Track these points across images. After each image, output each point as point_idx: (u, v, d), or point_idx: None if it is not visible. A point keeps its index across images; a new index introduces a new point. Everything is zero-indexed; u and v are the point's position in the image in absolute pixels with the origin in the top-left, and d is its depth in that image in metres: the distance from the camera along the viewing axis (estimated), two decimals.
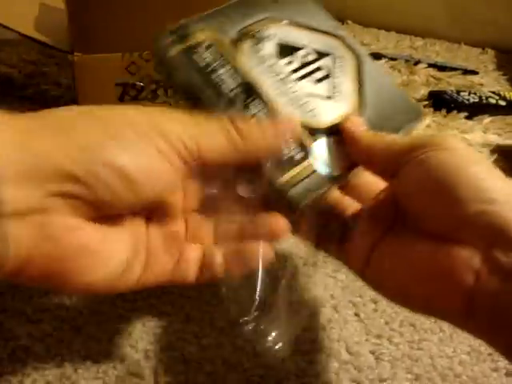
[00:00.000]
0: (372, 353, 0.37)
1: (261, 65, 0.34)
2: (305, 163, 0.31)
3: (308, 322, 0.39)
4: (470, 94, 0.72)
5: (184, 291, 0.41)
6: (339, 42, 0.37)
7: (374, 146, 0.32)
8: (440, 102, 0.71)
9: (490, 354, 0.38)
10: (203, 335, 0.37)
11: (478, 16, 0.95)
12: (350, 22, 1.04)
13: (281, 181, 0.30)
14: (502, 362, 0.37)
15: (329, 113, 0.34)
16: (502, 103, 0.72)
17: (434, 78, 0.80)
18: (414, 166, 0.29)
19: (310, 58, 0.35)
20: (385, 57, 0.85)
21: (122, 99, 0.55)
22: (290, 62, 0.35)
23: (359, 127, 0.33)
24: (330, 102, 0.34)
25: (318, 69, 0.35)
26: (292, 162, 0.31)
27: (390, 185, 0.32)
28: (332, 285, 0.42)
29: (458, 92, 0.73)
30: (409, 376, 0.36)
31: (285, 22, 0.36)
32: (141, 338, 0.37)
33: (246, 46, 0.34)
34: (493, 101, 0.72)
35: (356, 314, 0.40)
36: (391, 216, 0.31)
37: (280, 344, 0.30)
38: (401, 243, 0.29)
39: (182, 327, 0.38)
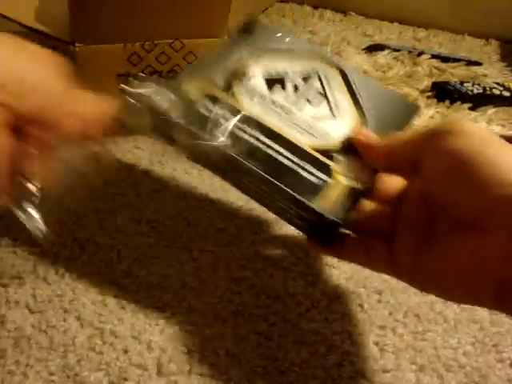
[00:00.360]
0: (376, 344, 0.37)
1: (258, 103, 0.35)
2: (332, 183, 0.33)
3: (311, 313, 0.39)
4: (473, 84, 0.72)
5: (187, 282, 0.40)
6: (319, 61, 0.39)
7: (391, 148, 0.32)
8: (443, 93, 0.70)
9: (494, 345, 0.38)
10: (206, 326, 0.37)
11: (482, 6, 0.94)
12: (352, 13, 1.03)
13: (317, 206, 0.31)
14: (507, 353, 0.37)
15: (338, 131, 0.35)
16: (506, 94, 0.71)
17: (438, 69, 0.80)
18: (432, 156, 0.29)
19: (299, 83, 0.37)
20: (388, 48, 0.84)
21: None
22: (284, 96, 0.36)
23: (371, 136, 0.34)
24: (335, 120, 0.36)
25: (311, 92, 0.37)
26: (318, 186, 0.32)
27: (413, 182, 0.33)
28: (336, 276, 0.42)
29: (462, 83, 0.72)
30: (413, 367, 0.36)
31: (261, 53, 0.38)
32: (143, 330, 0.37)
33: (237, 90, 0.36)
34: (497, 92, 0.71)
35: (360, 305, 0.40)
36: (425, 216, 0.32)
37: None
38: (438, 240, 0.30)
39: (184, 318, 0.38)
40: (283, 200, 0.33)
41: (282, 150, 0.34)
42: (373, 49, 0.85)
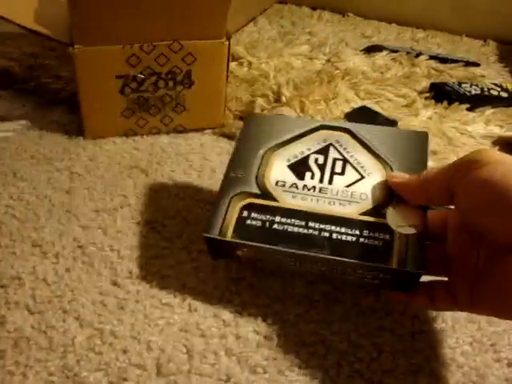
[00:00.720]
0: (374, 344, 0.37)
1: (293, 196, 0.37)
2: (395, 239, 0.35)
3: (310, 314, 0.39)
4: (471, 85, 0.72)
5: (187, 282, 0.41)
6: (325, 131, 0.41)
7: (426, 180, 0.34)
8: (441, 93, 0.71)
9: (492, 345, 0.38)
10: (205, 327, 0.37)
11: (480, 7, 0.94)
12: (350, 14, 1.04)
13: (396, 264, 0.33)
14: (504, 353, 0.37)
15: (374, 187, 0.37)
16: (504, 95, 0.71)
17: (436, 70, 0.80)
18: (466, 187, 0.31)
19: (319, 159, 0.39)
20: (386, 49, 0.84)
21: (122, 92, 0.55)
22: (311, 176, 0.38)
23: (404, 176, 0.36)
24: (366, 179, 0.38)
25: (333, 163, 0.39)
26: (386, 247, 0.34)
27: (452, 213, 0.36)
28: None
29: (460, 84, 0.72)
30: (411, 367, 0.36)
31: (274, 148, 0.40)
32: (143, 330, 0.37)
33: (278, 191, 0.38)
34: (495, 92, 0.71)
35: (357, 306, 0.40)
36: (468, 246, 0.34)
37: None
38: (486, 268, 0.32)
39: (184, 318, 0.38)
40: (357, 271, 0.35)
41: (335, 228, 0.35)
42: (371, 50, 0.85)
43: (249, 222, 0.36)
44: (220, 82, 0.59)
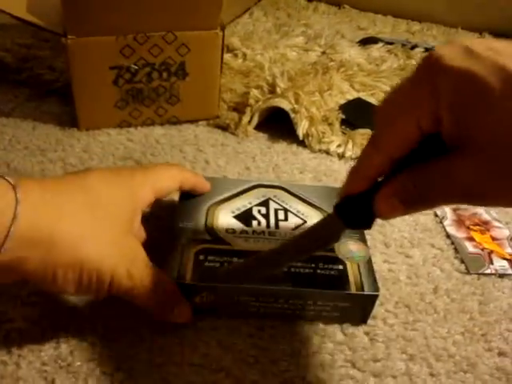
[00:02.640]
0: (366, 334, 0.38)
1: (245, 239, 0.39)
2: (348, 266, 0.38)
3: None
4: None
5: None
6: (261, 188, 0.44)
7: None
8: None
9: (483, 335, 0.38)
10: (198, 319, 0.37)
11: (476, 0, 0.94)
12: (346, 6, 1.04)
13: (352, 290, 0.36)
14: (495, 343, 0.38)
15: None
16: None
17: None
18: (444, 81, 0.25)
19: (262, 210, 0.42)
20: (381, 41, 0.84)
21: (116, 82, 0.55)
22: (258, 223, 0.41)
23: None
24: (308, 223, 0.41)
25: (276, 212, 0.42)
26: (342, 275, 0.37)
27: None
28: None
29: None
30: (403, 356, 0.36)
31: (218, 202, 0.43)
32: (136, 321, 0.37)
33: (229, 237, 0.39)
34: None
35: None
36: None
37: None
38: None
39: None
40: (317, 303, 0.37)
41: (293, 263, 0.37)
42: (366, 42, 0.85)
43: (207, 264, 0.37)
44: (214, 73, 0.59)
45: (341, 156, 0.58)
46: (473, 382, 0.35)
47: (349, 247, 0.39)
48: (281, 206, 0.42)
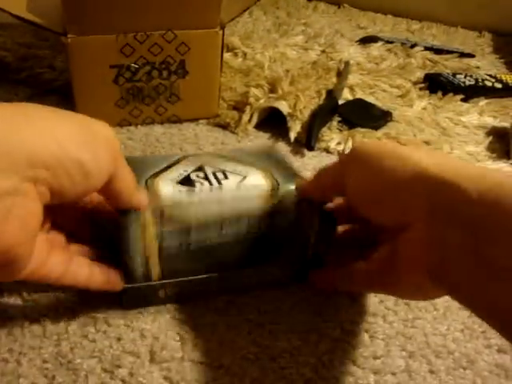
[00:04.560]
0: (366, 331, 0.38)
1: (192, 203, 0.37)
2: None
3: (301, 302, 0.39)
4: (466, 76, 0.72)
5: None
6: (188, 157, 0.42)
7: (320, 177, 0.37)
8: (436, 84, 0.71)
9: (482, 332, 0.38)
10: (198, 315, 0.37)
11: None
12: (346, 5, 1.04)
13: None
14: (494, 339, 0.38)
15: (260, 181, 0.39)
16: (498, 86, 0.72)
17: (431, 60, 0.80)
18: (351, 175, 0.34)
19: (200, 174, 0.40)
20: (381, 40, 0.84)
21: (116, 81, 0.55)
22: (201, 184, 0.38)
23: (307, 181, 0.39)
24: (251, 176, 0.40)
25: (215, 174, 0.40)
26: None
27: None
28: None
29: (454, 75, 0.72)
30: (403, 353, 0.36)
31: (154, 175, 0.40)
32: (136, 318, 0.37)
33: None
34: (489, 83, 0.71)
35: (350, 293, 0.40)
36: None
37: None
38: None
39: (176, 307, 0.38)
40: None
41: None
42: (366, 41, 0.85)
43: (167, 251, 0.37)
44: (214, 71, 0.59)
45: (341, 154, 0.58)
46: (472, 378, 0.35)
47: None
48: (216, 167, 0.40)
